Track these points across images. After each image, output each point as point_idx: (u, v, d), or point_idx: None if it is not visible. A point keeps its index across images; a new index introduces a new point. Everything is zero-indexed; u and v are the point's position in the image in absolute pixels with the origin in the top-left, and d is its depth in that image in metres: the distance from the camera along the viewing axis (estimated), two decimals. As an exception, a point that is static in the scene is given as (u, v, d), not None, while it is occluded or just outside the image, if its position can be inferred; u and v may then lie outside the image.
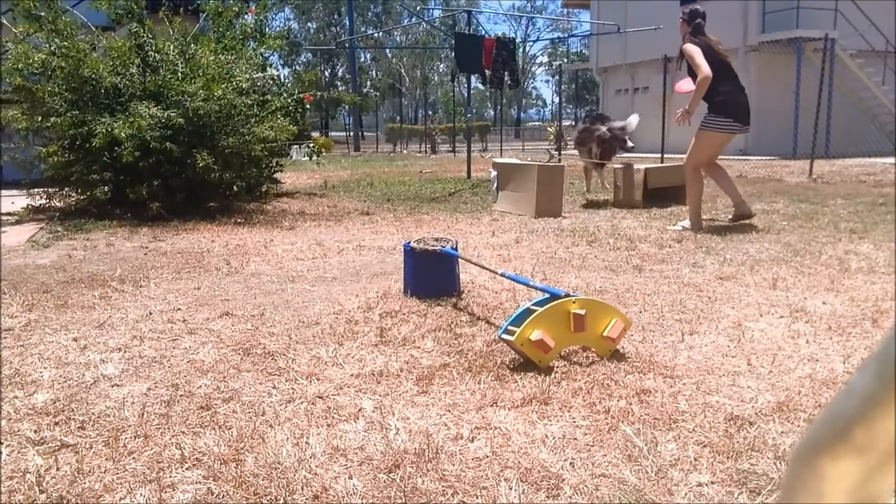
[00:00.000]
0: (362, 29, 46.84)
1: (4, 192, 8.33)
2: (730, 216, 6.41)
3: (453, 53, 13.09)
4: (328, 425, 2.13)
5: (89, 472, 1.86)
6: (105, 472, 1.86)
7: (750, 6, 19.37)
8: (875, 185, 9.83)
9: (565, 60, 38.48)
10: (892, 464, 0.42)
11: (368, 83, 53.35)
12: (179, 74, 7.35)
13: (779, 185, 9.78)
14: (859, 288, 3.77)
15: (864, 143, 16.78)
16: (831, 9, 18.08)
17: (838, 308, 3.38)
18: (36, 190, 7.54)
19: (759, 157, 17.46)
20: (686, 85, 6.10)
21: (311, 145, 10.85)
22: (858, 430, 0.42)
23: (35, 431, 2.11)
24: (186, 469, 1.87)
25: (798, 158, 15.67)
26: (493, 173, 7.97)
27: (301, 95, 9.37)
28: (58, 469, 1.88)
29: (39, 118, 7.02)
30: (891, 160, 14.24)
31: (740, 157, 16.93)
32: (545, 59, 60.62)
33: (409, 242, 3.66)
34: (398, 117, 51.74)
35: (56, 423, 2.17)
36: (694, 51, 5.73)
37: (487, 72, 12.41)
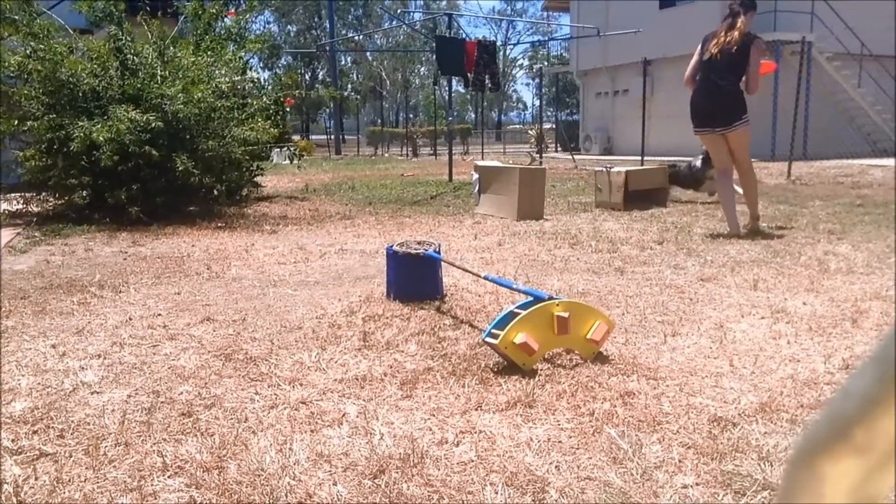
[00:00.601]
0: (343, 32, 46.74)
1: (-20, 197, 8.23)
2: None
3: (434, 56, 13.09)
4: (312, 431, 2.11)
5: (69, 481, 1.83)
6: (85, 481, 1.84)
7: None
8: (853, 186, 9.95)
9: (546, 63, 38.64)
10: (892, 464, 0.42)
11: (349, 86, 53.21)
12: (158, 77, 7.29)
13: (759, 187, 9.84)
14: (839, 288, 3.81)
15: (841, 145, 16.99)
16: (808, 12, 18.30)
17: (818, 308, 3.41)
18: (13, 195, 7.44)
19: (738, 159, 17.58)
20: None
21: (292, 148, 10.81)
22: (858, 431, 0.42)
23: (13, 440, 2.07)
24: (168, 477, 1.85)
25: (776, 160, 15.81)
26: (475, 176, 7.97)
27: (282, 95, 9.34)
28: (36, 479, 1.85)
29: (16, 122, 6.94)
30: (867, 161, 14.41)
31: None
32: (526, 62, 60.85)
33: (391, 246, 3.65)
34: (379, 120, 51.70)
35: (34, 432, 2.13)
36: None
37: (469, 75, 12.43)
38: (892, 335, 0.41)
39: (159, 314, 3.53)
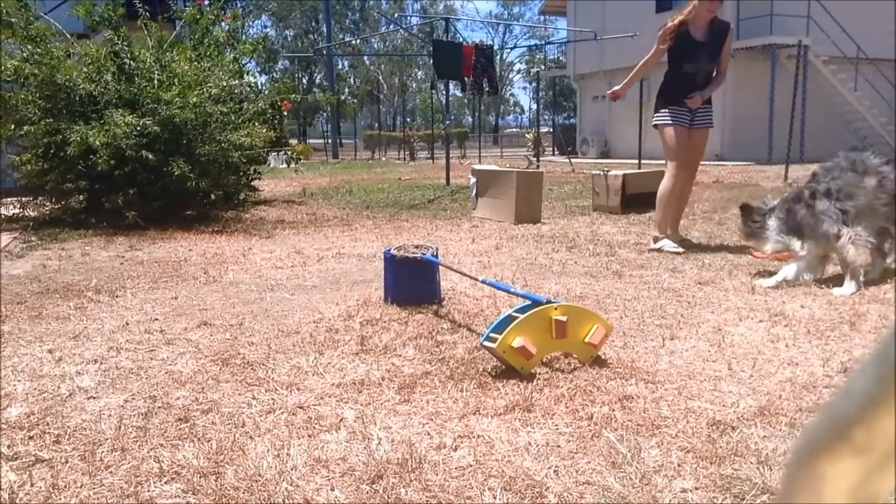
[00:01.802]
0: (340, 36, 46.79)
1: (-23, 202, 8.21)
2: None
3: (431, 60, 13.10)
4: (309, 436, 2.10)
5: (65, 487, 1.82)
6: (81, 487, 1.83)
7: (724, 13, 19.64)
8: (849, 189, 9.94)
9: (542, 67, 38.72)
10: (892, 464, 0.42)
11: (346, 90, 53.27)
12: (155, 82, 7.29)
13: (755, 190, 9.87)
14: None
15: (837, 148, 17.00)
16: (804, 15, 18.36)
17: (816, 312, 3.40)
18: (9, 199, 7.43)
19: (735, 163, 17.68)
20: None
21: (290, 152, 10.81)
22: (858, 431, 0.42)
23: (8, 446, 2.06)
24: (165, 483, 1.84)
25: (773, 163, 15.86)
26: (472, 180, 7.97)
27: (279, 99, 9.34)
28: (32, 485, 1.84)
29: (13, 126, 6.93)
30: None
31: (717, 163, 17.13)
32: (523, 65, 60.95)
33: (389, 249, 3.64)
34: (376, 124, 51.77)
35: (30, 438, 2.12)
36: None
37: (467, 79, 12.44)
38: (892, 336, 0.40)
39: (156, 319, 3.52)
